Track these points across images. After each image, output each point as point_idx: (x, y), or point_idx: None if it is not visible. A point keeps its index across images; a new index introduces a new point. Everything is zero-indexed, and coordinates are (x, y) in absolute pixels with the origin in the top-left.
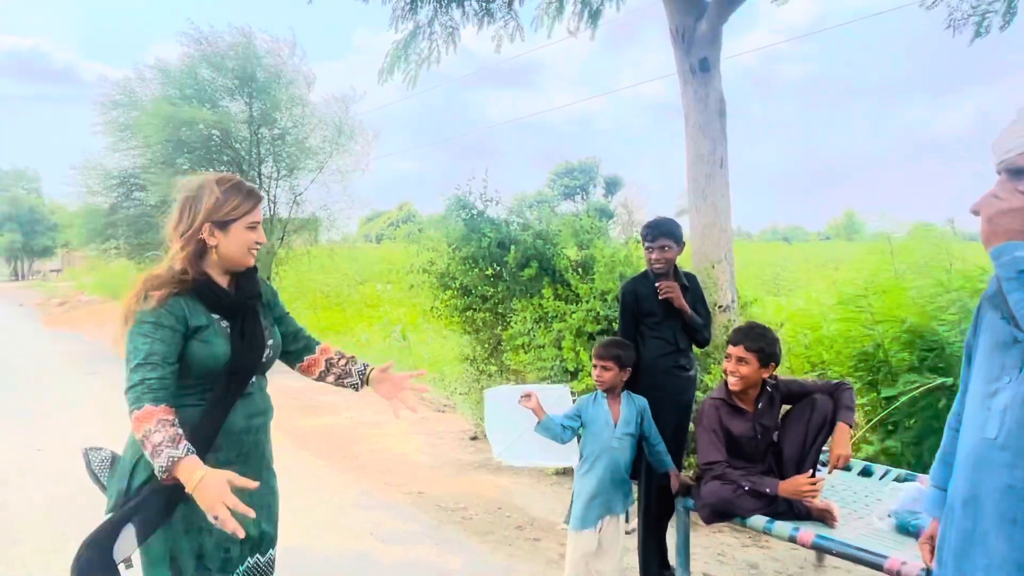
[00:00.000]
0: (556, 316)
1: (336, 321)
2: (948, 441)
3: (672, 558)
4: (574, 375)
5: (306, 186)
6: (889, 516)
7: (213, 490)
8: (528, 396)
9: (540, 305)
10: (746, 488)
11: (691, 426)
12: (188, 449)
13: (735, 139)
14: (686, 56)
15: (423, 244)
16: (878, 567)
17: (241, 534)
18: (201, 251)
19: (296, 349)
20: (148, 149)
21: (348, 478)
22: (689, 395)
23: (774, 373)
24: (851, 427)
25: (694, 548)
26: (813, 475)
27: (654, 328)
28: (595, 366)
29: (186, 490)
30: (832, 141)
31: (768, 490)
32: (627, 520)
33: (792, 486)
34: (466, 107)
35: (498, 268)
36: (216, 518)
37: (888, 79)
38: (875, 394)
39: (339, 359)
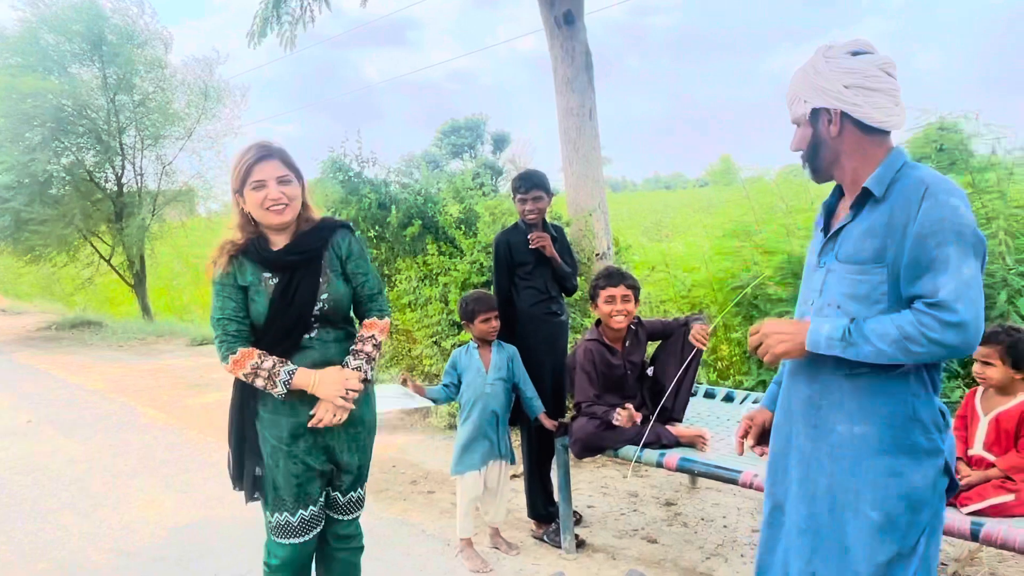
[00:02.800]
0: (441, 271)
1: None
2: None
3: (557, 495)
4: (461, 327)
5: (175, 155)
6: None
7: (332, 384)
8: (404, 381)
9: (425, 263)
10: (599, 418)
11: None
12: (291, 371)
13: (613, 91)
14: (551, 10)
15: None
16: (732, 481)
17: (334, 419)
18: (250, 219)
19: (357, 313)
20: None
21: None
22: (563, 339)
23: (636, 314)
24: (704, 325)
25: (579, 483)
26: (677, 405)
27: (526, 277)
28: (464, 326)
29: (308, 391)
30: (705, 91)
31: (609, 416)
32: (511, 463)
33: (624, 415)
34: (343, 67)
35: (380, 229)
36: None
37: (753, 29)
38: (748, 327)
39: (358, 342)
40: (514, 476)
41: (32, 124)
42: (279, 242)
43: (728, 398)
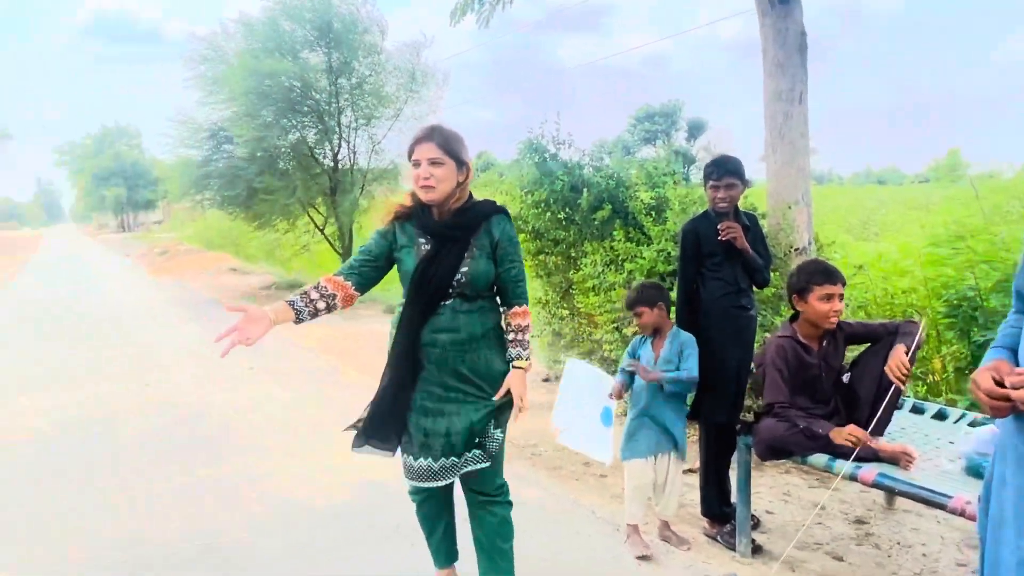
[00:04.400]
0: (627, 258)
1: None
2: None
3: (734, 496)
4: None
5: (384, 134)
6: (960, 458)
7: (259, 320)
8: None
9: (611, 247)
10: (800, 427)
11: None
12: (296, 305)
13: (822, 77)
14: None
15: (496, 188)
16: (941, 507)
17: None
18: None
19: (500, 295)
20: (234, 102)
21: None
22: (750, 335)
23: None
24: (908, 350)
25: (759, 487)
26: (880, 420)
27: (715, 268)
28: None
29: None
30: (929, 79)
31: (820, 430)
32: (682, 457)
33: (846, 432)
34: (537, 53)
35: (570, 212)
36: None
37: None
38: (967, 342)
39: (511, 333)
40: (688, 471)
41: (266, 103)
42: (440, 215)
43: (940, 415)
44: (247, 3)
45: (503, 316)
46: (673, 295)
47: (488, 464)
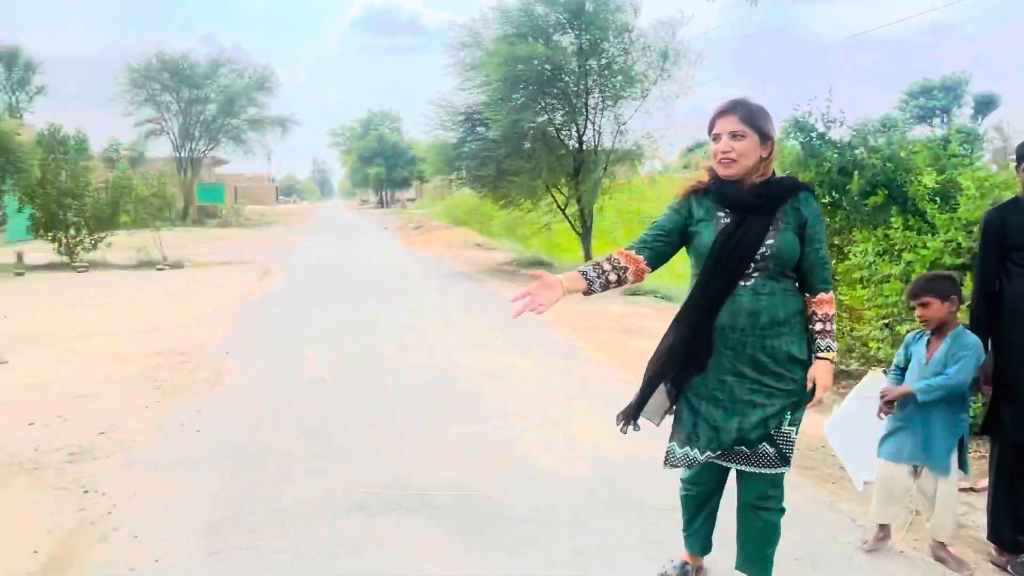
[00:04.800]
0: (905, 248)
1: None
2: None
3: None
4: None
5: (630, 115)
6: None
7: (551, 286)
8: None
9: (886, 236)
10: None
11: None
12: (588, 276)
13: None
14: None
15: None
16: None
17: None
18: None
19: (803, 279)
20: (488, 87)
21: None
22: None
23: None
24: None
25: None
26: None
27: (1022, 264)
28: (913, 308)
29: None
30: None
31: None
32: (946, 474)
33: None
34: (794, 26)
35: (837, 196)
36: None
37: None
38: None
39: (818, 322)
40: (967, 489)
41: (518, 87)
42: (742, 188)
43: None
44: None
45: (805, 303)
46: (965, 291)
47: (779, 467)
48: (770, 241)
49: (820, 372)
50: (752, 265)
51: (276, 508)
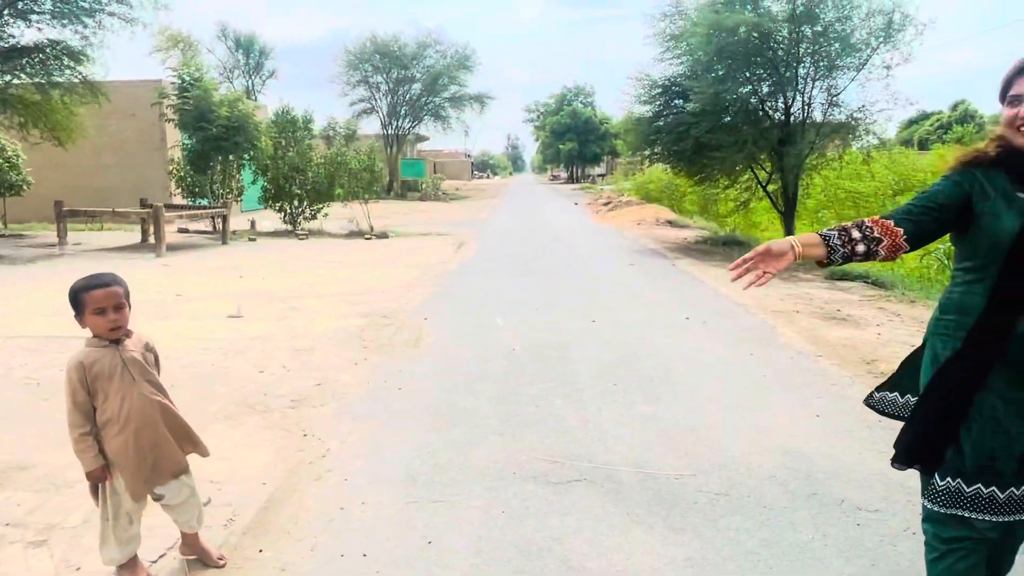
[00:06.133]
0: None
1: None
2: None
3: None
4: None
5: (845, 86)
6: None
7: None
8: None
9: None
10: None
11: None
12: (833, 243)
13: None
14: None
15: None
16: None
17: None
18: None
19: None
20: (690, 57)
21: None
22: None
23: None
24: None
25: None
26: None
27: None
28: None
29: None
30: None
31: None
32: None
33: None
34: None
35: None
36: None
37: None
38: None
39: None
40: None
41: (723, 57)
42: None
43: None
44: None
45: None
46: None
47: None
48: None
49: None
50: None
51: (467, 466)
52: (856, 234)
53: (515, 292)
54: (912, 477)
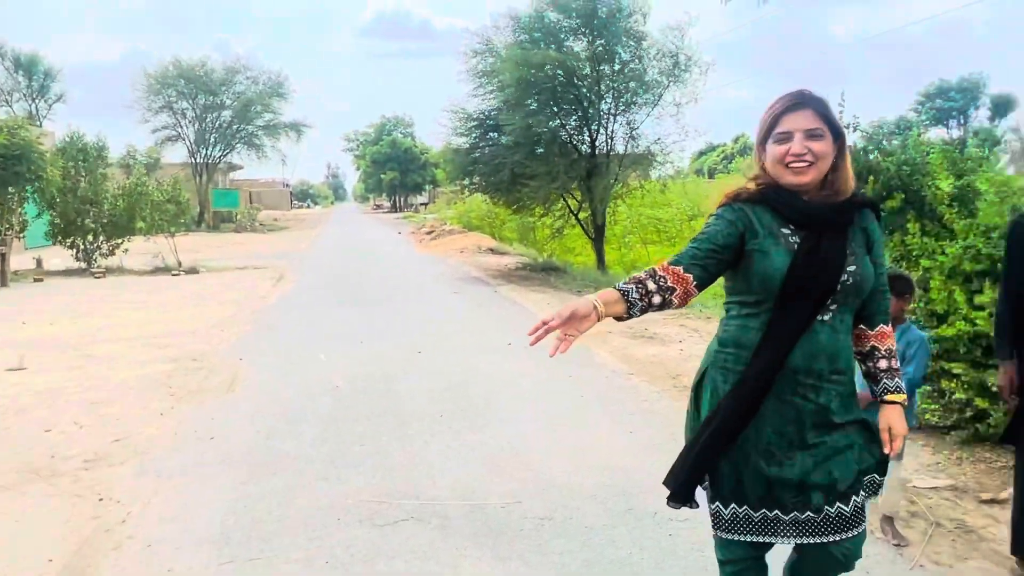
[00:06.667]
0: (923, 254)
1: (666, 256)
2: None
3: None
4: (942, 319)
5: (642, 120)
6: None
7: (577, 305)
8: None
9: (902, 242)
10: None
11: None
12: (633, 303)
13: None
14: None
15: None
16: None
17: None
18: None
19: (862, 309)
20: (502, 92)
21: (680, 406)
22: None
23: None
24: None
25: None
26: None
27: None
28: None
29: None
30: None
31: None
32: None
33: None
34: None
35: None
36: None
37: None
38: None
39: (882, 359)
40: (991, 501)
41: (532, 92)
42: (810, 200)
43: None
44: None
45: (863, 337)
46: (982, 298)
47: (856, 532)
48: (852, 268)
49: (894, 419)
50: (832, 297)
51: (288, 516)
52: (651, 285)
53: (338, 325)
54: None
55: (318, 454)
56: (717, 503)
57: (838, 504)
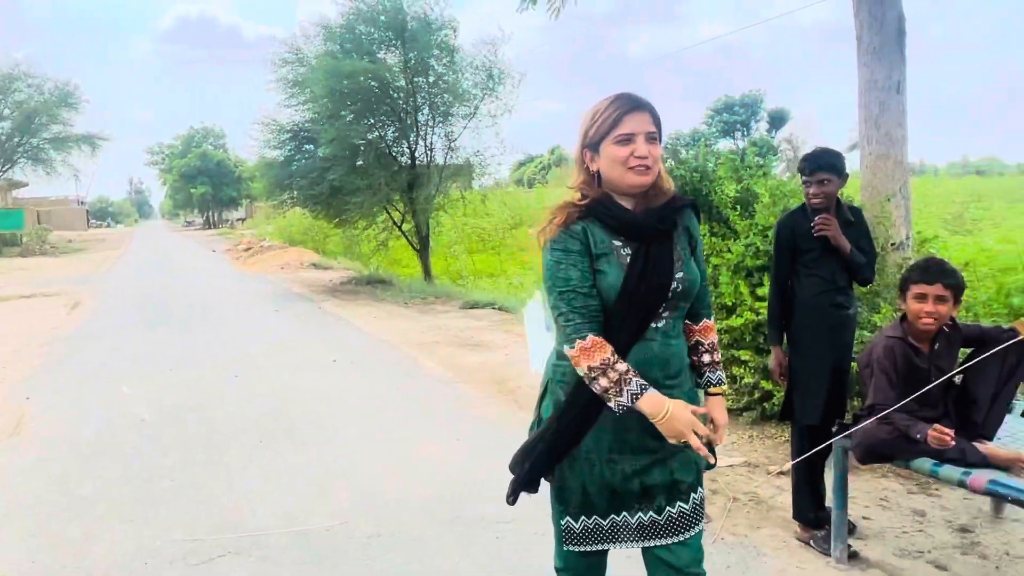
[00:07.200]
0: (713, 253)
1: (491, 265)
2: None
3: (829, 500)
4: (731, 310)
5: (460, 132)
6: None
7: (681, 423)
8: None
9: None
10: (902, 430)
11: (854, 366)
12: (643, 385)
13: (912, 62)
14: None
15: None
16: None
17: (711, 460)
18: (596, 179)
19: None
20: (315, 103)
21: (504, 410)
22: (848, 335)
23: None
24: None
25: (855, 493)
26: (989, 423)
27: (810, 265)
28: None
29: (651, 417)
30: None
31: (919, 435)
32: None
33: (931, 431)
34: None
35: None
36: (684, 443)
37: None
38: None
39: (705, 353)
40: (779, 473)
41: (347, 104)
42: (628, 206)
43: None
44: (319, 4)
45: (688, 331)
46: (763, 290)
47: (696, 530)
48: (680, 274)
49: (717, 410)
50: (665, 304)
51: (85, 567)
52: (611, 375)
53: (145, 353)
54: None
55: (121, 495)
56: (567, 519)
57: (679, 503)
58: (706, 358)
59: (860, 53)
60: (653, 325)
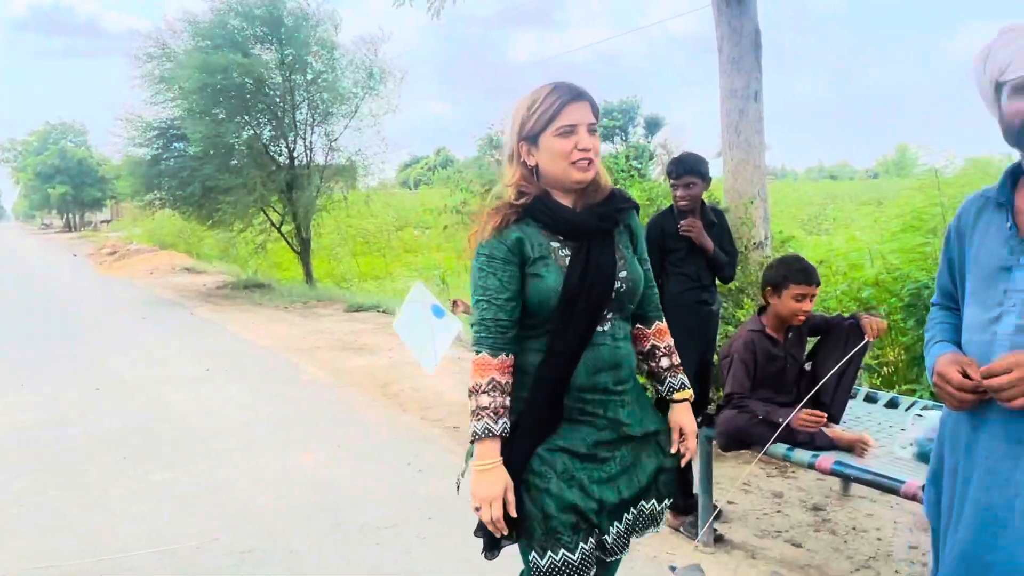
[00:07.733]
0: None
1: (376, 267)
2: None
3: (696, 487)
4: None
5: (340, 131)
6: (911, 444)
7: (491, 488)
8: (456, 303)
9: None
10: (760, 417)
11: (715, 359)
12: (504, 429)
13: (773, 74)
14: None
15: (456, 184)
16: (894, 491)
17: (497, 533)
18: (534, 174)
19: (636, 309)
20: (184, 100)
21: (389, 413)
22: (712, 329)
23: None
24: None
25: (719, 479)
26: (835, 407)
27: (677, 264)
28: None
29: (470, 463)
30: (878, 73)
31: (780, 419)
32: None
33: (803, 415)
34: (490, 48)
35: None
36: (477, 509)
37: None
38: (919, 333)
39: (663, 357)
40: None
41: (219, 100)
42: (567, 203)
43: (892, 403)
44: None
45: (641, 337)
46: None
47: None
48: (623, 273)
49: (685, 418)
50: (608, 306)
51: None
52: (501, 399)
53: None
54: (422, 486)
55: None
56: (533, 553)
57: (633, 510)
58: (664, 362)
59: (721, 63)
60: (600, 328)
